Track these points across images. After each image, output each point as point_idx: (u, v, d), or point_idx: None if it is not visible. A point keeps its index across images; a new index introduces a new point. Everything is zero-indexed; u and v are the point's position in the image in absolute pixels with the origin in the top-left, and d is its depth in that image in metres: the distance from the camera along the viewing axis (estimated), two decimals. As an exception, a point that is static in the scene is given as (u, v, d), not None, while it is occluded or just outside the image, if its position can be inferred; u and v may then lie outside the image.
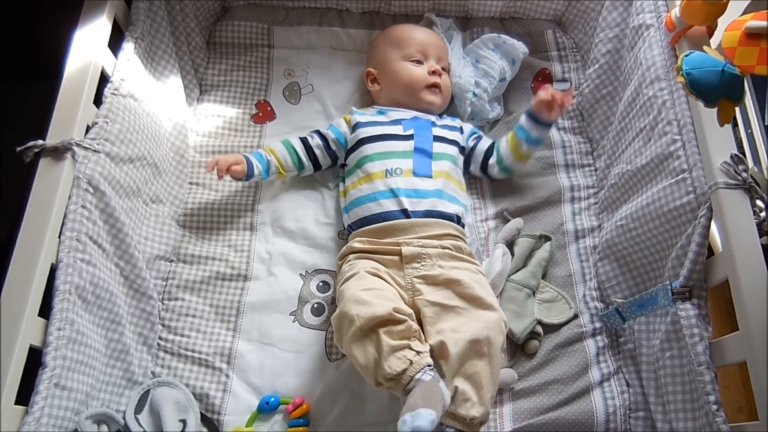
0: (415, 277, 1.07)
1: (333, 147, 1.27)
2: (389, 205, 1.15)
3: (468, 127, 1.31)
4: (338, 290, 1.06)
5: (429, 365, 0.94)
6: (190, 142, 1.33)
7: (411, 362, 0.92)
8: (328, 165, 1.29)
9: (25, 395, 0.87)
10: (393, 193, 1.15)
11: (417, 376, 0.91)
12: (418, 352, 0.94)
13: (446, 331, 0.98)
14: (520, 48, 1.37)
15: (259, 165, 1.23)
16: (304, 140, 1.27)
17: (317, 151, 1.27)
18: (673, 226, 1.03)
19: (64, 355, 0.91)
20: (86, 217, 0.99)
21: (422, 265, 1.08)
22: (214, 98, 1.39)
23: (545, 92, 1.19)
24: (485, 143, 1.29)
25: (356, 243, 1.13)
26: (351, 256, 1.13)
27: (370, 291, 0.99)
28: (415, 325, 0.98)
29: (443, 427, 0.94)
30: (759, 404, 0.84)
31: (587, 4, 1.38)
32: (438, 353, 0.98)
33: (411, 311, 1.00)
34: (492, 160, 1.27)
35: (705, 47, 0.82)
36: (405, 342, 0.94)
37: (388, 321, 0.95)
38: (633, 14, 1.20)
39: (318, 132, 1.28)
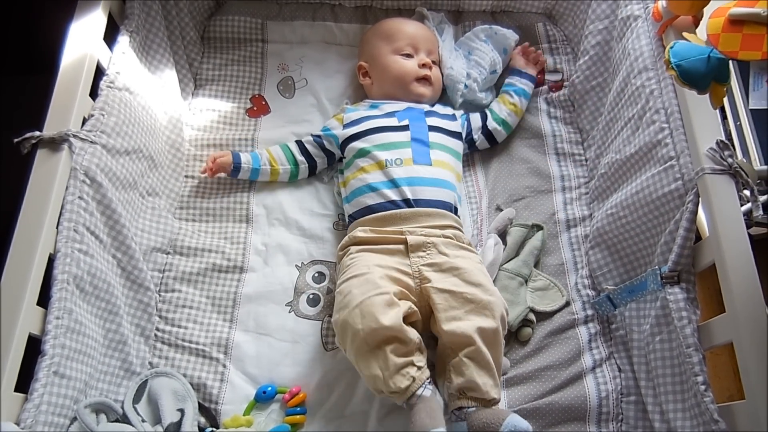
0: (422, 265, 1.08)
1: (327, 145, 1.29)
2: (391, 194, 1.16)
3: (459, 113, 1.34)
4: (339, 286, 1.07)
5: (428, 379, 0.99)
6: (186, 136, 1.34)
7: (414, 379, 0.97)
8: (324, 165, 1.31)
9: (24, 383, 0.87)
10: (394, 183, 1.17)
11: (419, 392, 0.97)
12: (420, 368, 0.99)
13: (457, 319, 1.01)
14: (511, 37, 1.39)
15: (247, 156, 1.27)
16: (298, 141, 1.31)
17: (309, 147, 1.29)
18: (662, 212, 1.04)
19: (63, 344, 0.92)
20: (83, 208, 1.00)
21: (428, 254, 1.10)
22: (208, 92, 1.41)
23: (520, 51, 1.40)
24: (476, 115, 1.34)
25: (359, 232, 1.14)
26: (352, 248, 1.13)
27: (375, 299, 0.99)
28: (418, 338, 1.00)
29: (463, 411, 0.98)
30: (745, 383, 0.86)
31: (577, -3, 1.41)
32: (450, 340, 1.01)
33: (417, 314, 1.04)
34: (490, 119, 1.32)
35: (685, 34, 0.83)
36: (409, 359, 0.98)
37: (394, 339, 0.98)
38: (621, 6, 1.22)
39: (311, 134, 1.32)
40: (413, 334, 1.00)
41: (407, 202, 1.16)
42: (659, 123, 1.06)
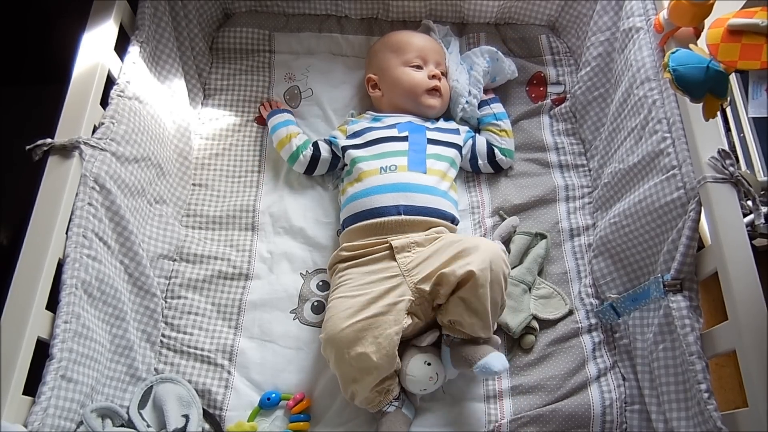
0: (408, 263, 1.10)
1: (335, 149, 1.31)
2: (382, 200, 1.18)
3: (464, 129, 1.35)
4: (328, 303, 1.10)
5: (395, 398, 1.07)
6: (194, 145, 1.36)
7: (381, 401, 1.06)
8: (327, 163, 1.32)
9: (32, 386, 0.89)
10: (386, 189, 1.19)
11: (384, 409, 1.06)
12: (389, 390, 1.06)
13: (449, 265, 1.03)
14: (509, 70, 1.39)
15: (289, 116, 1.37)
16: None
17: (320, 142, 1.32)
18: (664, 221, 1.05)
19: (71, 348, 0.93)
20: (92, 215, 1.02)
21: (413, 252, 1.12)
22: (217, 102, 1.43)
23: None
24: (482, 140, 1.35)
25: (343, 251, 1.16)
26: (339, 266, 1.15)
27: (360, 323, 1.02)
28: (397, 365, 1.05)
29: (450, 338, 1.07)
30: (748, 391, 0.86)
31: (579, 10, 1.42)
32: (452, 280, 1.02)
33: (414, 317, 1.07)
34: (497, 152, 1.33)
35: (691, 45, 0.84)
36: (380, 387, 1.05)
37: (373, 369, 1.01)
38: (623, 18, 1.23)
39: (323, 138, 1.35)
40: (394, 363, 1.03)
41: (397, 209, 1.17)
42: (661, 133, 1.07)
